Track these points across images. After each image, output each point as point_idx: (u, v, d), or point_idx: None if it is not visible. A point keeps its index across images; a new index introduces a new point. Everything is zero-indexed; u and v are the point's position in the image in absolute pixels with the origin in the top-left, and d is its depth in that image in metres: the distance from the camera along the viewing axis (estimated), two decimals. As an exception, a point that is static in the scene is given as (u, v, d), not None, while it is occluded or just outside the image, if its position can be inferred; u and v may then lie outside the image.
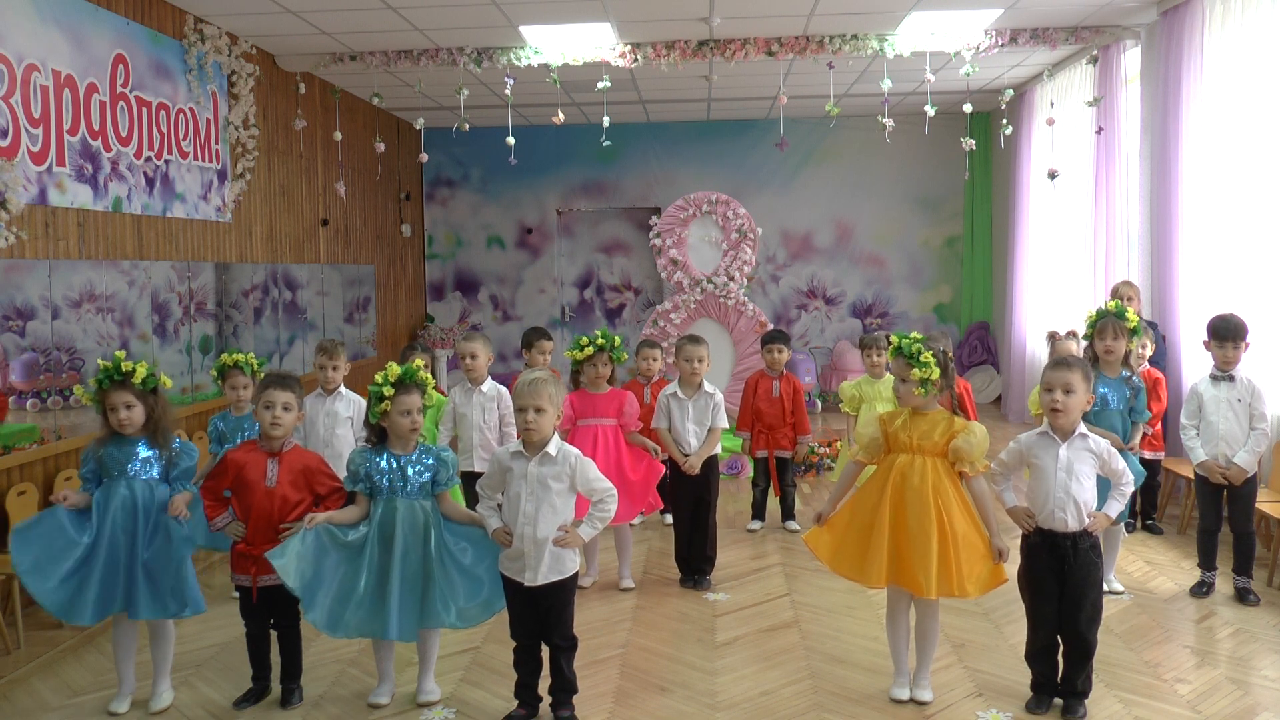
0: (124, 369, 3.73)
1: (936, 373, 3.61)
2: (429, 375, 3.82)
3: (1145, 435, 5.67)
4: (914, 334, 3.74)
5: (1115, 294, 6.59)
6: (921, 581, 3.54)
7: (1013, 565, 3.75)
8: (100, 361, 3.79)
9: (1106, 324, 4.75)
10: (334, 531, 3.64)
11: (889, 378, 5.46)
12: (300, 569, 3.54)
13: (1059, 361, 3.67)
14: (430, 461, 3.72)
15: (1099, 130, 7.71)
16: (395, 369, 3.68)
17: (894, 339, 3.74)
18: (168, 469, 3.80)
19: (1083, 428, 3.66)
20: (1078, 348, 5.68)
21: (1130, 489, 3.71)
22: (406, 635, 3.68)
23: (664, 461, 5.24)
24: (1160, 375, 5.95)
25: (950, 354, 3.77)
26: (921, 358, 3.61)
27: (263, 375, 4.15)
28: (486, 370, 5.32)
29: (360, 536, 3.66)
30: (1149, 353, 5.93)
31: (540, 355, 5.84)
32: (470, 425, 5.24)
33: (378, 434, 3.74)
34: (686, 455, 5.14)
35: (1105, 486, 3.73)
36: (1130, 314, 4.79)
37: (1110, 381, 4.73)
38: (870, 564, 3.61)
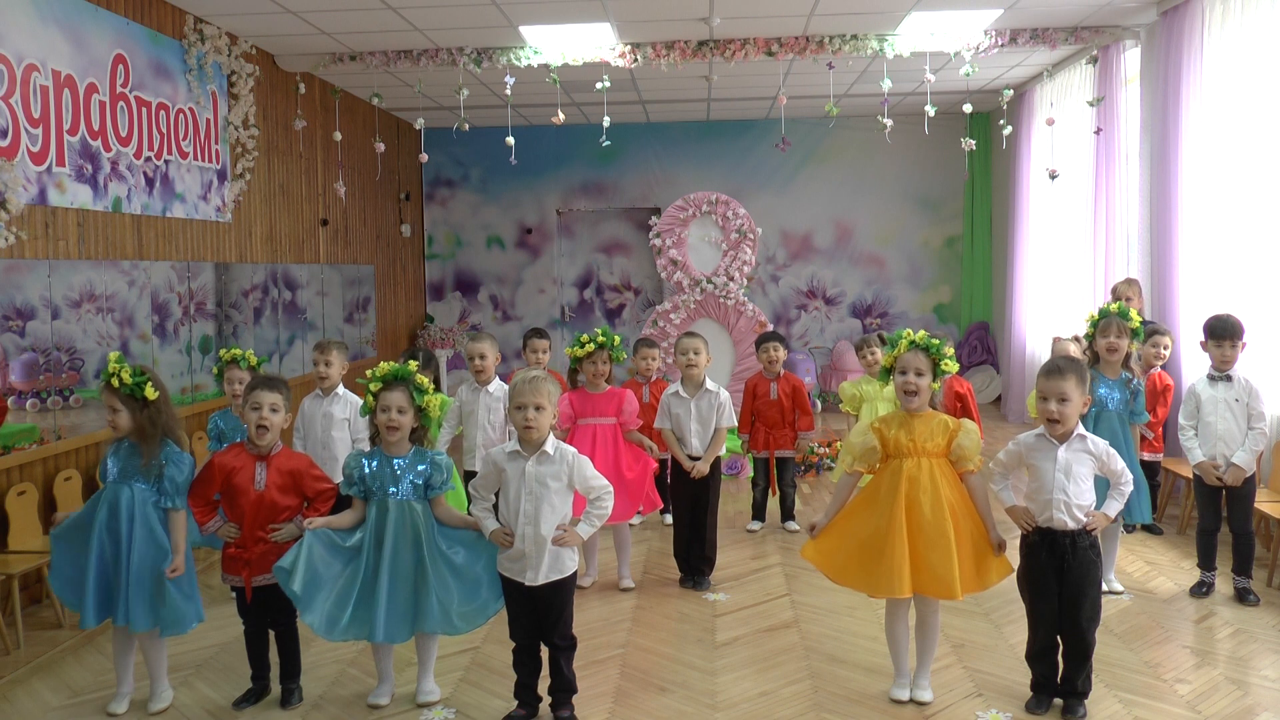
0: (109, 371, 3.70)
1: (957, 365, 3.66)
2: (426, 380, 3.78)
3: (1146, 439, 5.66)
4: (922, 331, 3.75)
5: (1115, 294, 6.59)
6: (947, 584, 3.52)
7: (1012, 564, 3.76)
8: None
9: (1110, 322, 4.74)
10: (331, 536, 3.64)
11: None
12: (304, 576, 3.54)
13: (1052, 369, 3.62)
14: (423, 466, 3.70)
15: (1098, 131, 7.71)
16: (385, 366, 3.68)
17: (906, 334, 3.71)
18: (158, 479, 3.72)
19: (1080, 428, 3.66)
20: (1078, 349, 5.67)
21: (1129, 488, 3.70)
22: (395, 637, 3.67)
23: (663, 460, 5.24)
24: (1170, 381, 5.93)
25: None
26: (942, 352, 3.63)
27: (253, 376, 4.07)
28: (494, 371, 5.34)
29: (357, 540, 3.66)
30: (1168, 354, 5.93)
31: (534, 355, 5.86)
32: (476, 424, 5.26)
33: (376, 435, 3.74)
34: (690, 456, 5.13)
35: (1105, 485, 3.74)
36: (1134, 314, 4.78)
37: (1110, 383, 4.72)
38: (892, 573, 3.53)
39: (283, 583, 3.55)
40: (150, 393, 3.69)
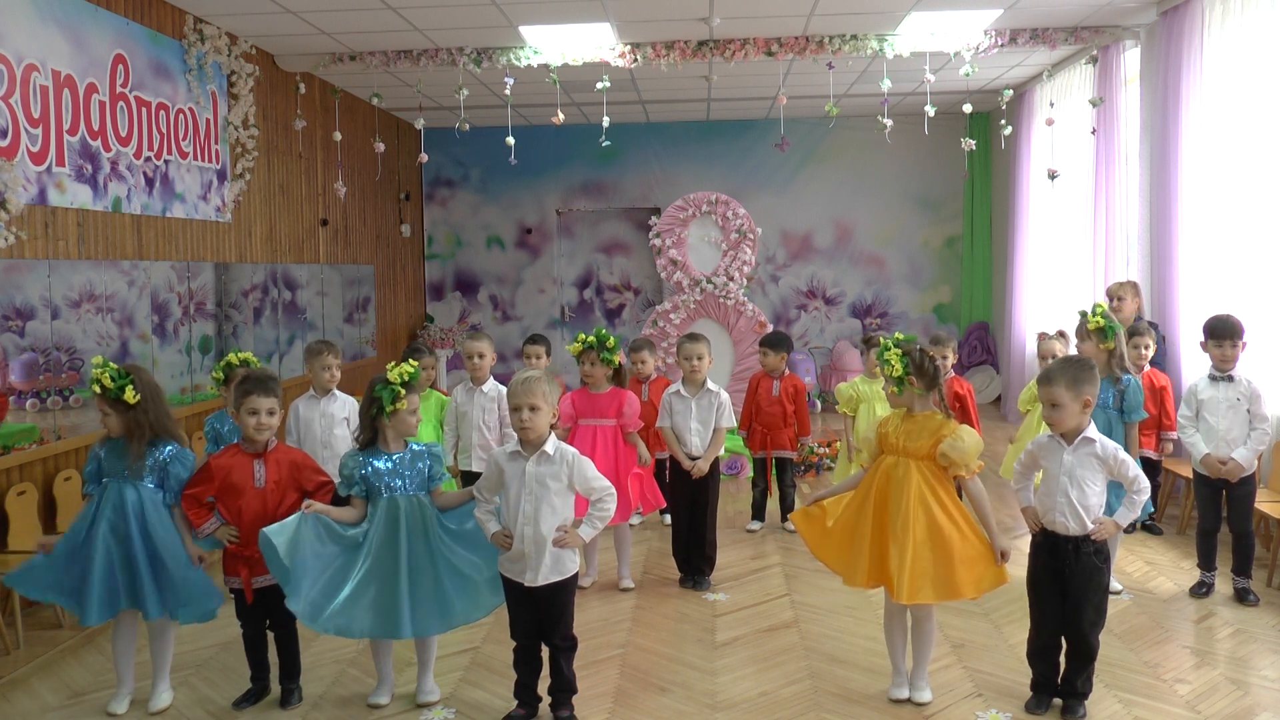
0: (91, 377, 3.71)
1: (898, 370, 3.62)
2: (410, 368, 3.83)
3: (1169, 439, 5.68)
4: (897, 334, 3.78)
5: (1108, 294, 6.59)
6: (895, 585, 3.54)
7: (1020, 566, 3.77)
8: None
9: (1082, 328, 4.86)
10: (331, 525, 3.63)
11: None
12: (292, 548, 3.50)
13: (1041, 376, 3.71)
14: (423, 459, 3.73)
15: (1094, 131, 7.72)
16: (409, 368, 3.69)
17: (881, 342, 3.77)
18: (163, 477, 3.75)
19: (1090, 431, 3.64)
20: (1063, 346, 5.68)
21: (1144, 497, 3.66)
22: (424, 630, 3.68)
23: (662, 460, 5.23)
24: (1166, 385, 5.89)
25: (932, 354, 3.74)
26: (885, 356, 3.64)
27: (239, 378, 3.99)
28: (490, 370, 5.33)
29: (359, 533, 3.66)
30: (1150, 353, 5.91)
31: (535, 360, 5.84)
32: (471, 425, 5.25)
33: (371, 435, 3.74)
34: (690, 455, 5.13)
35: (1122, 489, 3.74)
36: (1097, 315, 4.81)
37: (1100, 383, 4.72)
38: (854, 563, 3.66)
39: (269, 558, 3.51)
40: (130, 397, 3.69)
